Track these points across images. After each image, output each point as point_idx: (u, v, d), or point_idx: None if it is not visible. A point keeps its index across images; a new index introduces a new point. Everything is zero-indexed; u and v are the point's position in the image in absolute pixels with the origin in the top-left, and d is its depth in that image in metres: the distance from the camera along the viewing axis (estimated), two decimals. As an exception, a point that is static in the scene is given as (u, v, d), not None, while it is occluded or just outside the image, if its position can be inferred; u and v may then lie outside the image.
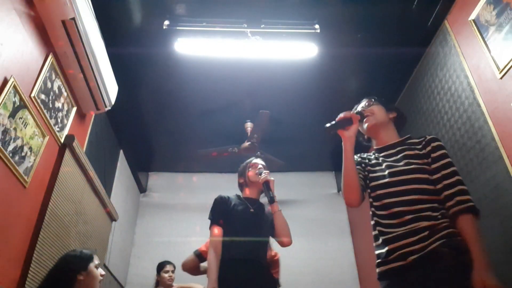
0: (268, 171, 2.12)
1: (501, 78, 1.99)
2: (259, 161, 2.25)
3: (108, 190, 3.32)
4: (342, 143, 1.54)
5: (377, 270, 1.44)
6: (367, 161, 1.62)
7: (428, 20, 2.61)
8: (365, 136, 1.71)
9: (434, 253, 1.29)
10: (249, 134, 3.70)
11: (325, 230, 4.39)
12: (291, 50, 2.78)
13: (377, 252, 1.46)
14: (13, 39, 1.75)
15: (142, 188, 4.58)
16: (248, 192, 2.17)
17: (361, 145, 1.70)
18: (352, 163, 1.50)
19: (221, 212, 2.04)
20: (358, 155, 1.67)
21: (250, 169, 2.19)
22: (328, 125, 1.55)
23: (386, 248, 1.40)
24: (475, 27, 2.18)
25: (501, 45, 1.98)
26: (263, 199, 2.14)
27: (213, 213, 2.07)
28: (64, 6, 1.91)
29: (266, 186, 2.05)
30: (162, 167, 4.75)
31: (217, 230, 2.00)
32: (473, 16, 2.19)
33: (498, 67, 2.00)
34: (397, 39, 2.75)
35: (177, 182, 4.76)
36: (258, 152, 3.74)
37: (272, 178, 2.08)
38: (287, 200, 4.33)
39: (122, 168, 3.80)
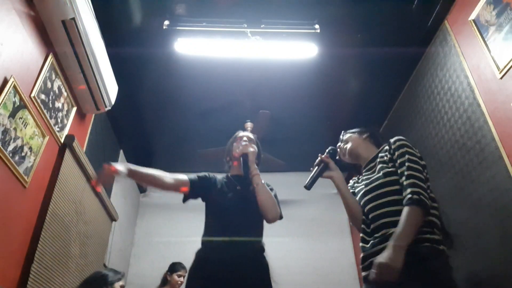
0: (247, 143, 1.86)
1: (501, 78, 1.99)
2: (245, 133, 2.01)
3: (108, 190, 3.32)
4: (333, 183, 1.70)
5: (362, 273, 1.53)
6: (355, 182, 1.76)
7: (428, 20, 2.61)
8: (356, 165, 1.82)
9: None
10: (249, 134, 3.69)
11: (325, 230, 4.39)
12: (291, 50, 2.77)
13: (362, 255, 1.56)
14: (13, 39, 1.76)
15: (142, 188, 4.58)
16: (235, 169, 1.91)
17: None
18: (347, 197, 1.65)
19: (201, 183, 1.80)
20: (352, 182, 1.80)
21: (234, 144, 1.94)
22: (307, 184, 1.70)
23: (362, 256, 1.50)
24: (475, 27, 2.18)
25: (501, 45, 1.98)
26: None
27: (192, 175, 1.84)
28: (64, 6, 1.91)
29: (243, 160, 1.79)
30: (162, 167, 4.72)
31: (182, 178, 1.79)
32: (473, 16, 2.19)
33: (498, 67, 2.00)
34: (397, 39, 2.75)
35: (177, 182, 4.75)
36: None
37: (251, 149, 1.80)
38: (287, 200, 4.33)
39: (122, 168, 3.80)
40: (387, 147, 1.60)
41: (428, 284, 1.26)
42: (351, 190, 1.73)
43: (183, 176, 1.79)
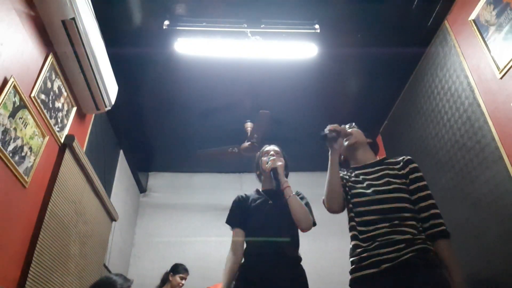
0: (274, 157, 1.94)
1: (501, 78, 1.99)
2: (272, 147, 2.08)
3: (108, 190, 3.32)
4: (330, 154, 1.68)
5: (350, 276, 1.53)
6: (347, 177, 1.72)
7: (428, 20, 2.61)
8: (341, 157, 1.82)
9: (407, 263, 1.35)
10: (249, 134, 3.70)
11: (325, 230, 4.37)
12: (291, 50, 2.77)
13: (351, 259, 1.54)
14: (13, 39, 1.75)
15: (142, 188, 4.58)
16: (267, 183, 2.01)
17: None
18: (337, 172, 1.65)
19: (238, 214, 1.91)
20: (341, 174, 1.76)
21: (262, 158, 2.01)
22: (323, 134, 1.69)
23: (361, 256, 1.48)
24: (475, 27, 2.18)
25: (501, 45, 1.98)
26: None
27: (229, 217, 1.95)
28: (64, 6, 1.91)
29: (273, 174, 1.88)
30: (162, 167, 4.75)
31: (235, 233, 1.88)
32: (473, 16, 2.19)
33: (498, 67, 2.00)
34: (397, 39, 2.75)
35: (177, 182, 4.75)
36: (258, 152, 3.73)
37: (279, 163, 1.89)
38: (287, 200, 4.33)
39: (122, 168, 3.80)
40: (399, 165, 1.62)
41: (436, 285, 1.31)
42: (342, 178, 1.72)
43: (235, 234, 1.88)
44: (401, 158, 1.66)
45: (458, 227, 2.26)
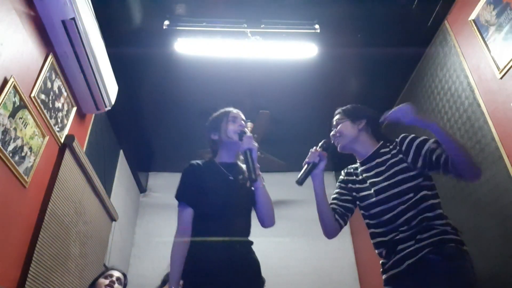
0: (251, 135, 1.63)
1: (501, 78, 1.99)
2: (241, 115, 1.76)
3: (108, 190, 3.32)
4: (313, 185, 1.60)
5: (383, 277, 1.50)
6: (354, 177, 1.64)
7: (428, 20, 2.61)
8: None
9: (423, 260, 1.32)
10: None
11: (325, 230, 4.39)
12: (291, 50, 2.77)
13: (380, 261, 1.51)
14: (13, 39, 1.75)
15: (142, 188, 4.58)
16: (224, 155, 1.71)
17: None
18: (321, 202, 1.57)
19: (194, 190, 1.59)
20: (345, 171, 1.71)
21: (229, 122, 1.70)
22: (299, 179, 1.58)
23: (384, 259, 1.46)
24: (475, 27, 2.18)
25: (501, 45, 1.98)
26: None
27: (182, 191, 1.61)
28: (64, 6, 1.91)
29: (250, 156, 1.55)
30: (162, 167, 4.74)
31: (185, 212, 1.55)
32: (473, 16, 2.19)
33: (498, 67, 2.00)
34: (397, 39, 2.75)
35: (177, 182, 4.74)
36: (258, 152, 3.73)
37: (256, 144, 1.59)
38: (287, 200, 4.34)
39: (122, 168, 3.80)
40: (396, 150, 1.54)
41: (455, 284, 1.27)
42: (341, 186, 1.67)
43: (182, 210, 1.58)
44: (394, 141, 1.60)
45: (458, 227, 2.25)
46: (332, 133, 1.70)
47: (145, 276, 3.81)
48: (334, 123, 1.72)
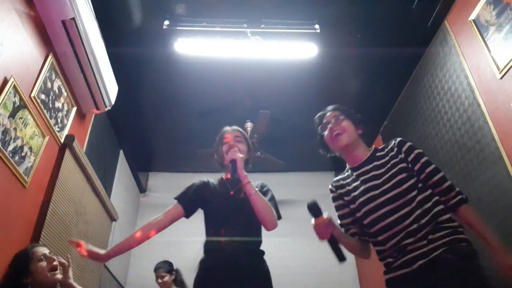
0: (236, 149, 1.70)
1: (501, 78, 1.99)
2: (233, 133, 1.83)
3: (108, 190, 3.32)
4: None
5: (385, 277, 1.46)
6: (346, 188, 1.58)
7: (428, 20, 2.61)
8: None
9: (438, 260, 1.30)
10: (249, 134, 3.69)
11: (325, 230, 4.39)
12: (291, 50, 2.78)
13: (383, 262, 1.47)
14: (13, 39, 1.75)
15: (142, 188, 4.58)
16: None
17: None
18: (348, 244, 1.57)
19: (191, 198, 1.74)
20: (334, 185, 1.65)
21: (223, 145, 1.79)
22: (338, 258, 1.57)
23: (390, 259, 1.41)
24: (475, 27, 2.18)
25: (501, 45, 1.98)
26: (256, 176, 1.75)
27: (182, 194, 1.78)
28: (64, 6, 1.91)
29: (232, 167, 1.64)
30: (162, 167, 4.74)
31: (175, 207, 1.73)
32: (473, 16, 2.19)
33: (498, 67, 2.00)
34: (397, 39, 2.75)
35: (177, 182, 4.74)
36: (258, 152, 3.74)
37: (240, 155, 1.65)
38: (287, 200, 4.33)
39: (122, 168, 3.80)
40: (394, 152, 1.51)
41: (473, 283, 1.26)
42: (340, 204, 1.63)
43: (174, 207, 1.75)
44: (391, 143, 1.55)
45: (458, 227, 2.26)
46: (330, 125, 1.60)
47: (145, 276, 3.81)
48: (333, 120, 1.62)
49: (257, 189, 1.63)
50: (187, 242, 4.38)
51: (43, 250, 1.69)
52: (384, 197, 1.43)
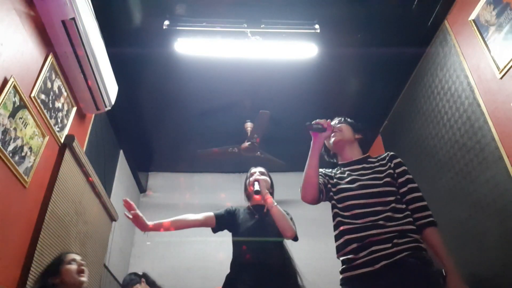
0: (258, 179, 2.09)
1: (501, 78, 1.99)
2: (258, 168, 2.25)
3: (108, 190, 3.32)
4: (312, 143, 1.68)
5: (341, 276, 1.51)
6: (331, 174, 1.73)
7: (428, 20, 2.61)
8: (330, 152, 1.85)
9: (402, 263, 1.36)
10: (249, 134, 3.70)
11: (325, 230, 4.36)
12: (291, 50, 2.78)
13: (342, 258, 1.52)
14: (13, 39, 1.75)
15: (142, 188, 4.58)
16: (255, 200, 2.17)
17: (324, 161, 1.81)
18: (316, 161, 1.64)
19: (225, 216, 2.10)
20: (322, 170, 1.77)
21: (250, 179, 2.20)
22: (309, 123, 1.72)
23: (352, 255, 1.45)
24: (475, 27, 2.18)
25: (501, 45, 1.98)
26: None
27: (218, 212, 2.12)
28: (64, 6, 1.91)
29: (255, 187, 2.05)
30: (162, 167, 4.74)
31: (207, 216, 2.08)
32: (473, 16, 2.19)
33: (498, 67, 2.00)
34: (397, 39, 2.75)
35: (177, 182, 4.75)
36: (258, 152, 3.74)
37: (261, 177, 2.10)
38: (287, 200, 4.33)
39: (122, 168, 3.80)
40: (385, 161, 1.66)
41: (432, 285, 1.35)
42: (322, 173, 1.74)
43: (209, 214, 2.10)
44: (385, 154, 1.70)
45: (458, 227, 2.26)
46: (332, 123, 1.80)
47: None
48: (336, 121, 1.85)
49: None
50: (187, 242, 4.39)
51: (74, 256, 1.91)
52: (365, 190, 1.54)
